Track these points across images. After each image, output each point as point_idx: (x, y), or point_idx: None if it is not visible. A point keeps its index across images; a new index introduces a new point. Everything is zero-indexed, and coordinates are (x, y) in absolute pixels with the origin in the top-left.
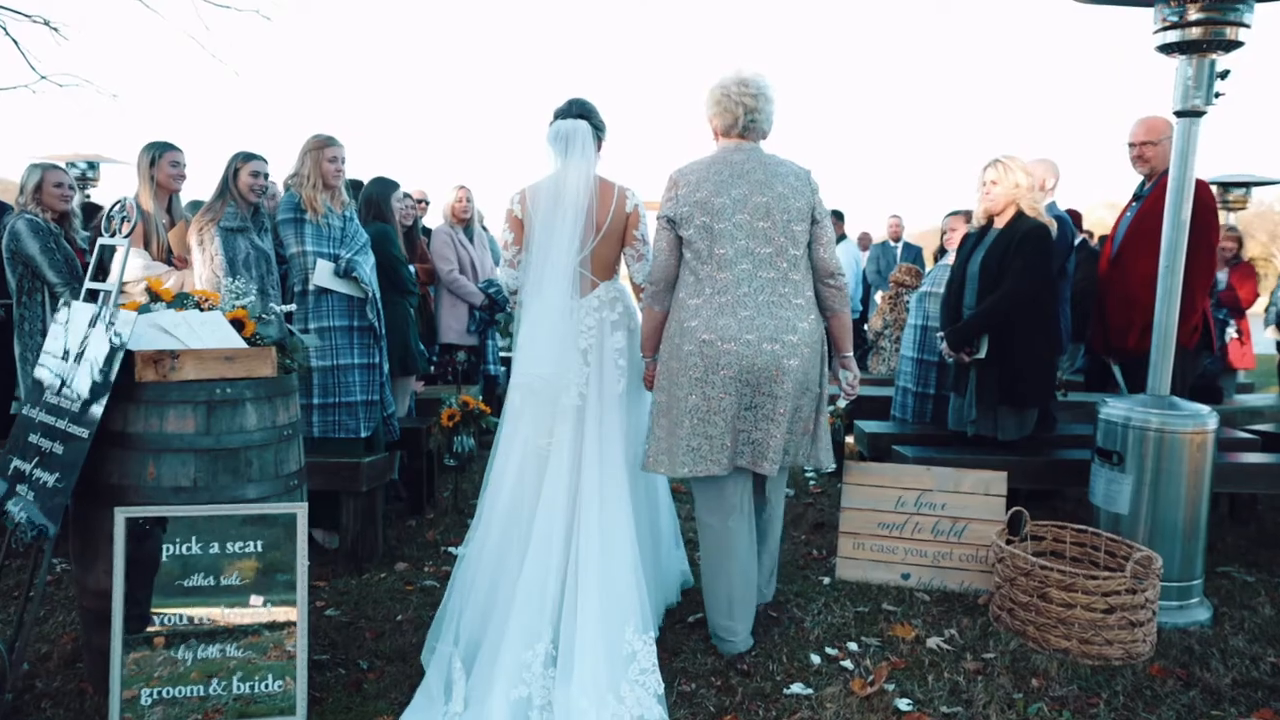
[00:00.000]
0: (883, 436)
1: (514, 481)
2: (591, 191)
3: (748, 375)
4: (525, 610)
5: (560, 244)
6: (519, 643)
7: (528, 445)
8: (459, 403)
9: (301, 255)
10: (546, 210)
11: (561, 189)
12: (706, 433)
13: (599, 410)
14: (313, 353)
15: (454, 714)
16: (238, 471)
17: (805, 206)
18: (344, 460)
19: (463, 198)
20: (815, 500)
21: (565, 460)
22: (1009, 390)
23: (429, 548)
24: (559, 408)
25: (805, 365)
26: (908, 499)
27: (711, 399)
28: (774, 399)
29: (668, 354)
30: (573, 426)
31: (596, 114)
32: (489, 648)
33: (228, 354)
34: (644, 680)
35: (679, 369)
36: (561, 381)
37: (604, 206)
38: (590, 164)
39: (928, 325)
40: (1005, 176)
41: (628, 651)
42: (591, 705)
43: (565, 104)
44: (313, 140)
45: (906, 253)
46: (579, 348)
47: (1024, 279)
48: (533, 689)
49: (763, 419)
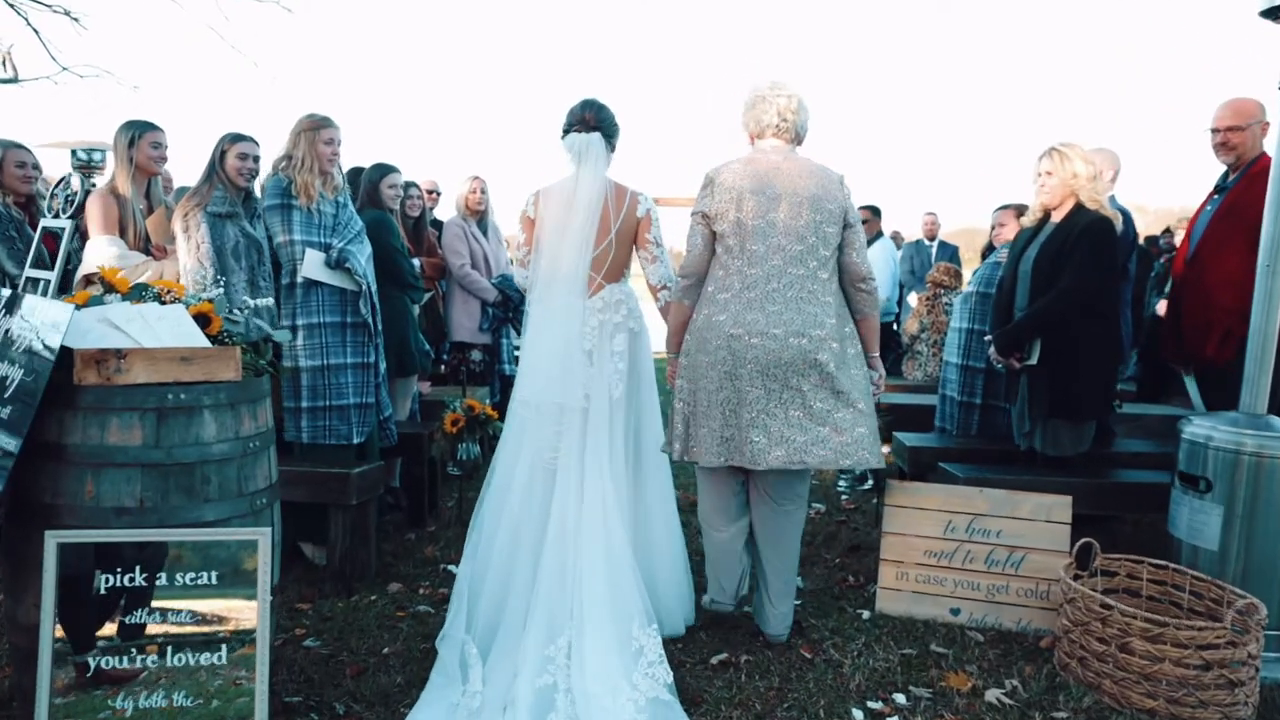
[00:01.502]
0: (925, 451)
1: (524, 483)
2: (603, 198)
3: (775, 369)
4: (547, 605)
5: (569, 247)
6: (542, 639)
7: (535, 458)
8: (464, 407)
9: (289, 245)
10: (556, 213)
11: (574, 194)
12: (737, 424)
13: (599, 413)
14: (301, 352)
15: (474, 692)
16: (192, 490)
17: (838, 210)
18: (332, 470)
19: (477, 189)
20: (849, 517)
21: (573, 463)
22: (1063, 400)
23: (427, 565)
24: (565, 411)
25: (834, 360)
26: (958, 524)
27: (742, 391)
28: (801, 393)
29: (695, 347)
30: (579, 430)
31: (609, 120)
32: (507, 637)
33: (184, 354)
34: (653, 672)
35: (708, 363)
36: (566, 400)
37: (615, 210)
38: (602, 172)
39: (973, 329)
40: (1061, 166)
41: (635, 647)
42: (607, 692)
43: (579, 112)
44: (306, 120)
45: (942, 252)
46: (583, 349)
47: (1082, 276)
48: (557, 677)
49: (793, 415)
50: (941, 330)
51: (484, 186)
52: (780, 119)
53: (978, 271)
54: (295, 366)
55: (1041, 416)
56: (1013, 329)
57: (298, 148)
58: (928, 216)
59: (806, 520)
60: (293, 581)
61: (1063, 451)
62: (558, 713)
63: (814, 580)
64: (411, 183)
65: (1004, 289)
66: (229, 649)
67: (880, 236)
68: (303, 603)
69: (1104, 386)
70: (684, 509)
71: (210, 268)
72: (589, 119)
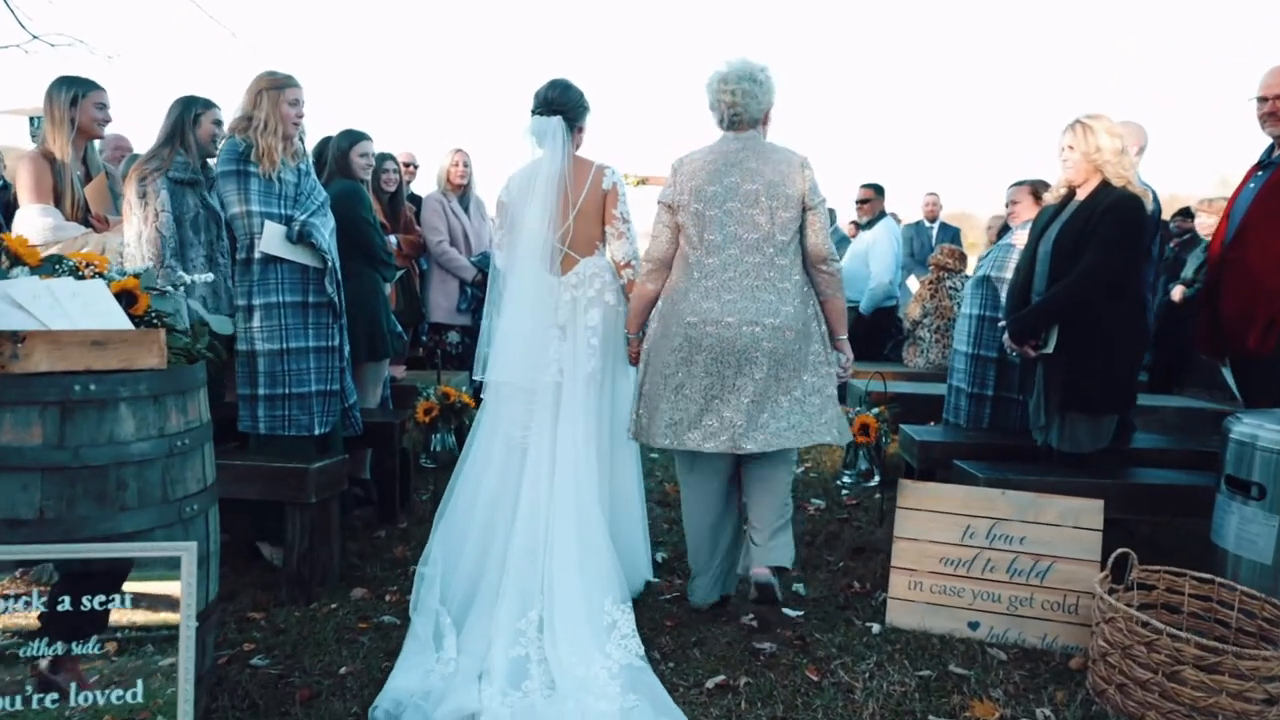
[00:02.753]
0: (935, 447)
1: (501, 459)
2: (564, 173)
3: (729, 356)
4: (519, 579)
5: (530, 222)
6: (514, 611)
7: (509, 435)
8: (438, 394)
9: (246, 216)
10: (519, 192)
11: (535, 174)
12: (686, 409)
13: (572, 388)
14: (258, 334)
15: (448, 659)
16: (105, 497)
17: (795, 194)
18: (288, 465)
19: (459, 162)
20: (850, 515)
21: (545, 439)
22: (1080, 392)
23: (396, 567)
24: (539, 385)
25: (787, 347)
26: (977, 529)
27: (695, 377)
28: (753, 380)
29: (657, 333)
30: (551, 405)
31: (574, 101)
32: (481, 611)
33: (96, 337)
34: (626, 644)
35: (665, 348)
36: (536, 377)
37: (579, 184)
38: (562, 151)
39: (984, 315)
40: (1084, 140)
41: (608, 621)
42: (580, 661)
43: (541, 95)
44: (267, 78)
45: (943, 233)
46: (558, 324)
47: (1106, 255)
48: (529, 649)
49: (743, 400)
50: (946, 315)
51: (467, 160)
52: (730, 111)
53: (990, 253)
54: (251, 350)
55: (1058, 410)
56: (1029, 314)
57: (259, 108)
58: (929, 197)
59: (805, 519)
60: (247, 586)
61: (1080, 448)
62: (532, 679)
63: (817, 587)
64: (388, 155)
65: (1021, 272)
66: (146, 686)
67: (883, 216)
68: (256, 611)
69: (1127, 377)
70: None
71: (171, 239)
72: (552, 101)
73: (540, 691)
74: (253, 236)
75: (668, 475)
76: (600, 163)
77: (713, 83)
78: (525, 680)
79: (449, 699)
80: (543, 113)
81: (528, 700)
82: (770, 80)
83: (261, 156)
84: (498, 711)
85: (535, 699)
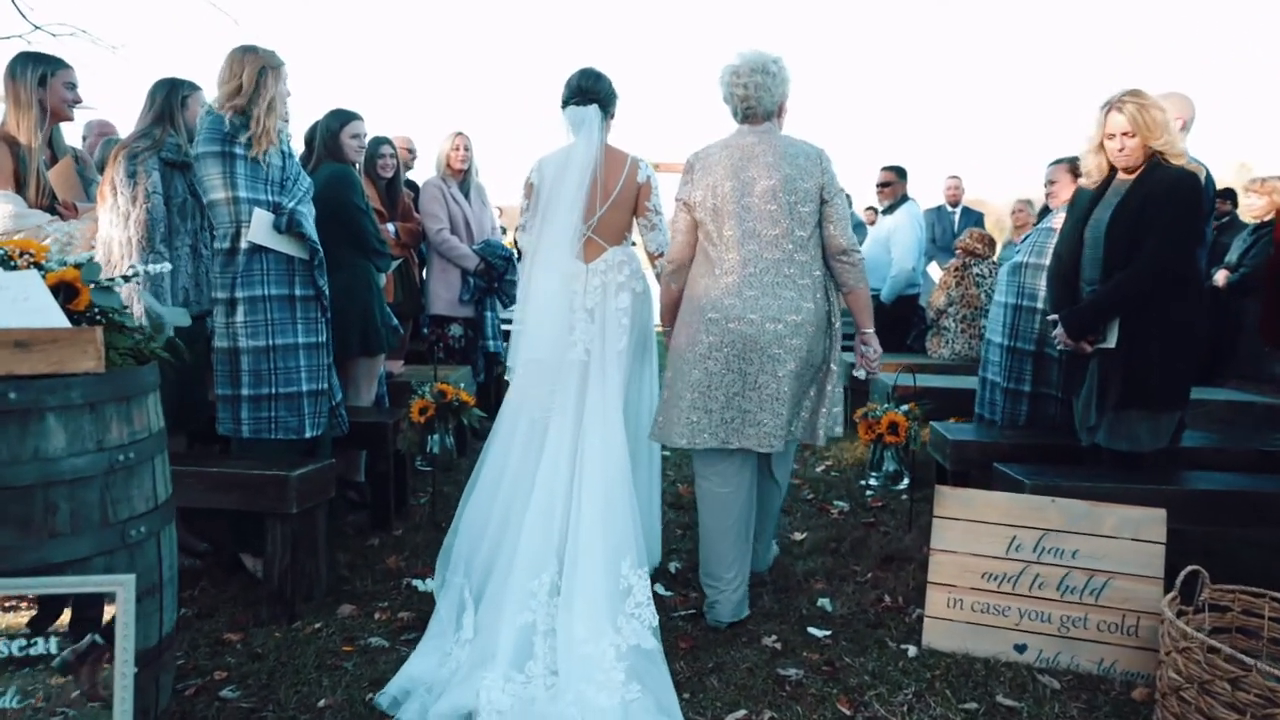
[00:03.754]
0: (971, 447)
1: (524, 438)
2: (598, 162)
3: (751, 354)
4: (532, 540)
5: (563, 209)
6: (526, 572)
7: (533, 415)
8: (434, 392)
9: (231, 203)
10: (553, 178)
11: (569, 160)
12: (706, 407)
13: (602, 364)
14: (242, 329)
15: (464, 640)
16: (30, 523)
17: (813, 187)
18: (267, 472)
19: (460, 145)
20: (877, 518)
21: (570, 412)
22: (1142, 388)
23: (388, 580)
24: (564, 362)
25: (809, 344)
26: (1024, 541)
27: (713, 374)
28: (776, 378)
29: (678, 329)
30: (578, 379)
31: (606, 90)
32: (498, 578)
33: (19, 337)
34: (639, 614)
35: (686, 344)
36: (562, 356)
37: (613, 175)
38: (597, 140)
39: (1020, 304)
40: (1141, 119)
41: (624, 586)
42: (590, 635)
43: (575, 83)
44: (264, 55)
45: (966, 219)
46: (585, 307)
47: (1171, 243)
48: (538, 615)
49: (765, 398)
50: (973, 304)
51: (468, 144)
52: (743, 104)
53: (1028, 238)
54: (233, 347)
55: (1115, 407)
56: (1088, 308)
57: (262, 88)
58: (951, 180)
59: (829, 524)
60: (227, 602)
61: (1139, 446)
62: (536, 660)
63: (844, 602)
64: (384, 139)
65: (1063, 259)
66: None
67: (906, 200)
68: (234, 631)
69: (1190, 370)
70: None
71: (161, 223)
72: (587, 90)
73: (543, 678)
74: (239, 225)
75: (680, 475)
76: (634, 155)
77: (725, 75)
78: (529, 661)
79: (448, 695)
80: (578, 102)
81: (529, 689)
82: (784, 72)
83: (260, 137)
84: (498, 701)
85: (536, 687)
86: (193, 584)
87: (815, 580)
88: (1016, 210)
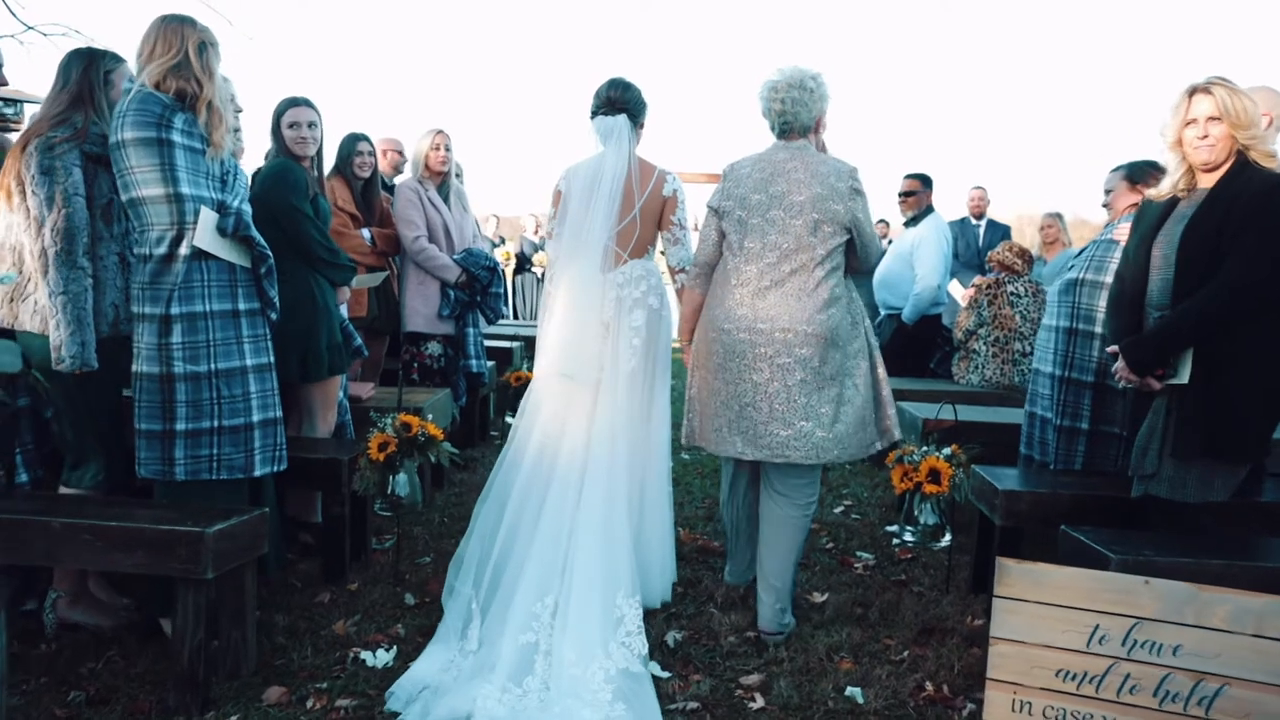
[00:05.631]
0: (1024, 499)
1: (536, 452)
2: (628, 173)
3: (762, 364)
4: (540, 565)
5: (592, 220)
6: (532, 595)
7: (547, 428)
8: (396, 425)
9: (172, 200)
10: (582, 187)
11: (600, 170)
12: (724, 415)
13: (613, 385)
14: (177, 352)
15: (469, 651)
16: None
17: (842, 209)
18: (175, 529)
19: (440, 144)
20: (908, 573)
21: (580, 432)
22: (1221, 435)
23: (333, 650)
24: (579, 381)
25: (821, 354)
26: (1112, 632)
27: (729, 383)
28: (786, 388)
29: (699, 339)
30: (589, 401)
31: (635, 100)
32: (504, 594)
33: None
34: (630, 642)
35: (705, 354)
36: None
37: (643, 186)
38: (627, 150)
39: (1076, 328)
40: (1232, 107)
41: (617, 615)
42: (579, 658)
43: (604, 94)
44: (204, 31)
45: (992, 232)
46: (601, 321)
47: (1260, 260)
48: (540, 636)
49: (778, 407)
50: (1006, 326)
51: (449, 143)
52: (780, 119)
53: (1084, 251)
54: (166, 373)
55: (1190, 455)
56: (1153, 337)
57: (209, 67)
58: (975, 191)
59: (853, 581)
60: (132, 681)
61: (1207, 496)
62: (534, 677)
63: (878, 691)
64: (361, 136)
65: (1126, 282)
66: None
67: (930, 212)
68: None
69: (1275, 411)
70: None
71: (84, 231)
72: (615, 100)
73: (538, 693)
74: (182, 227)
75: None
76: (662, 168)
77: (764, 90)
78: (528, 676)
79: (447, 698)
80: (607, 112)
81: (524, 701)
82: (822, 88)
83: (212, 128)
84: (494, 710)
85: (531, 700)
86: (99, 654)
87: (841, 659)
88: (1046, 225)
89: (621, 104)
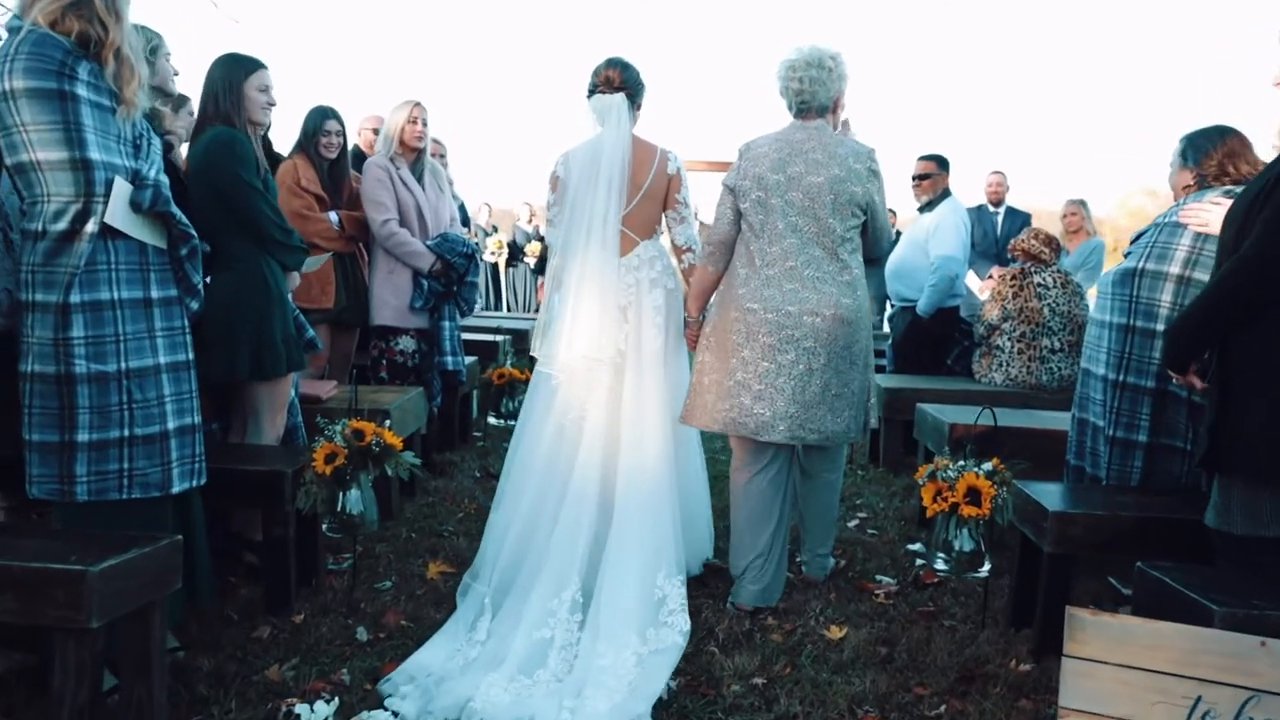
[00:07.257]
0: (1078, 522)
1: (552, 441)
2: (628, 154)
3: (788, 345)
4: (558, 560)
5: (593, 202)
6: (548, 591)
7: (563, 416)
8: (346, 434)
9: (79, 167)
10: (581, 171)
11: (598, 152)
12: (741, 396)
13: (637, 365)
14: (79, 348)
15: (476, 642)
16: None
17: (860, 190)
18: (52, 566)
19: (416, 117)
20: (937, 601)
21: (602, 420)
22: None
23: (264, 702)
24: (596, 366)
25: (848, 339)
26: (1218, 706)
27: (751, 364)
28: (812, 371)
29: (716, 317)
30: (609, 385)
31: (633, 79)
32: (518, 593)
33: None
34: (671, 620)
35: (724, 333)
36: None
37: (643, 168)
38: (625, 131)
39: (1132, 324)
40: None
41: (659, 596)
42: (610, 649)
43: (603, 71)
44: None
45: (1011, 220)
46: (619, 305)
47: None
48: (556, 631)
49: (802, 390)
50: (1033, 320)
51: (425, 116)
52: (798, 98)
53: (1144, 234)
54: (64, 373)
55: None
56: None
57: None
58: (993, 176)
59: (874, 610)
60: None
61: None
62: (546, 669)
63: None
64: (329, 110)
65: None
66: None
67: (948, 195)
68: None
69: None
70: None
71: None
72: (613, 79)
73: (548, 684)
74: (90, 200)
75: None
76: (663, 147)
77: (781, 69)
78: (540, 669)
79: (450, 683)
80: (605, 90)
81: (533, 690)
82: (840, 68)
83: (123, 81)
84: (498, 698)
85: (539, 690)
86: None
87: (866, 713)
88: (1069, 213)
89: (620, 83)
